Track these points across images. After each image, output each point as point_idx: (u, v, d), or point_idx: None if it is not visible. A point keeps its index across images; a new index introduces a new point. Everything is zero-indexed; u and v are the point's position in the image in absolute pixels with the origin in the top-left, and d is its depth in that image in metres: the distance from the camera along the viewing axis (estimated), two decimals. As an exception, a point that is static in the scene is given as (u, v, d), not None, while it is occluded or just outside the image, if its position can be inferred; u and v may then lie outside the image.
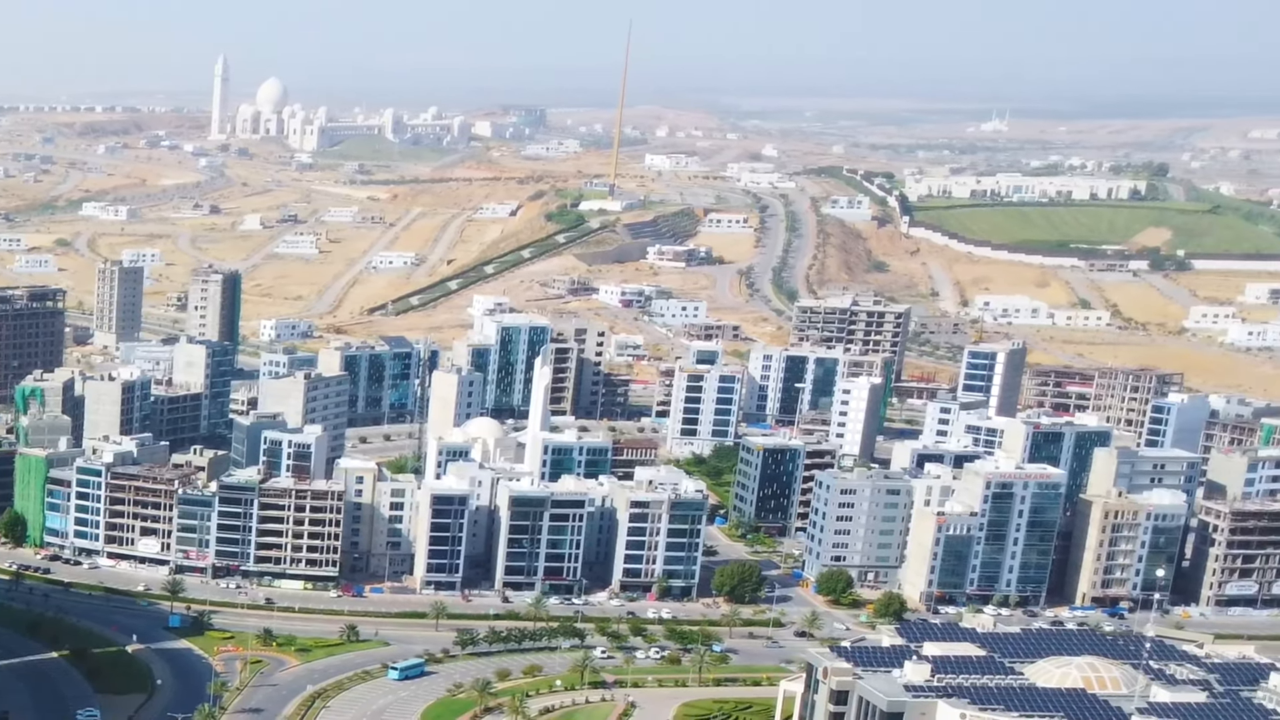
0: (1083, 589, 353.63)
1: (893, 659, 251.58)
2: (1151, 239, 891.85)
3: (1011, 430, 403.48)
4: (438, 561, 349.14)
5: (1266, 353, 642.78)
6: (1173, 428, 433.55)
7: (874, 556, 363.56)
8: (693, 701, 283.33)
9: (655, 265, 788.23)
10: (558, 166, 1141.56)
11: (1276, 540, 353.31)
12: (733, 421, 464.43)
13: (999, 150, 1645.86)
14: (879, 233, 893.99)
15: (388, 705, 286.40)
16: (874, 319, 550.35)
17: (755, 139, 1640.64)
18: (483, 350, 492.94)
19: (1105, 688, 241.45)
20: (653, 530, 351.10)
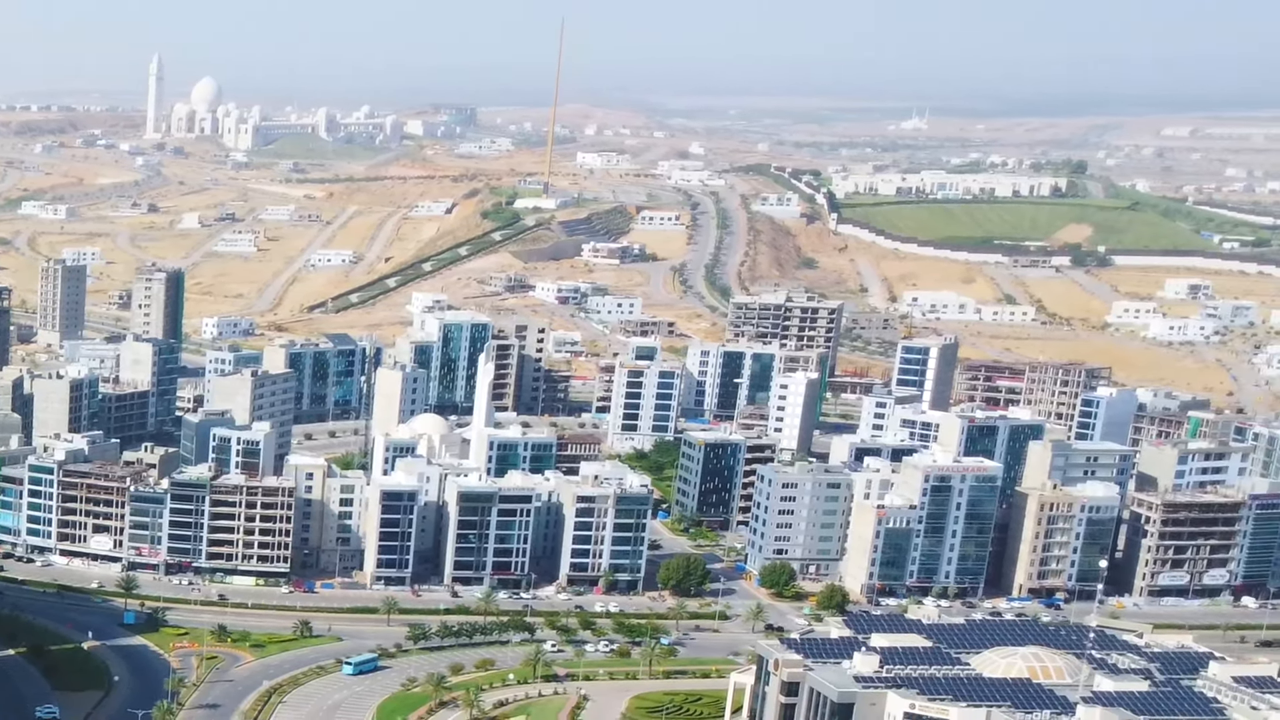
0: (1019, 580, 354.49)
1: (841, 650, 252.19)
2: (1073, 235, 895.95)
3: (947, 424, 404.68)
4: (388, 557, 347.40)
5: (1188, 347, 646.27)
6: (1102, 421, 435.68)
7: (815, 549, 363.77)
8: (644, 694, 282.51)
9: (590, 262, 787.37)
10: (491, 165, 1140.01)
11: (1207, 531, 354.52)
12: (672, 417, 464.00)
13: (920, 148, 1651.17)
14: (808, 230, 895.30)
15: (343, 700, 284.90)
16: (808, 315, 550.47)
17: (682, 137, 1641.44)
18: (425, 347, 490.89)
19: (1050, 677, 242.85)
20: (599, 525, 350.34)
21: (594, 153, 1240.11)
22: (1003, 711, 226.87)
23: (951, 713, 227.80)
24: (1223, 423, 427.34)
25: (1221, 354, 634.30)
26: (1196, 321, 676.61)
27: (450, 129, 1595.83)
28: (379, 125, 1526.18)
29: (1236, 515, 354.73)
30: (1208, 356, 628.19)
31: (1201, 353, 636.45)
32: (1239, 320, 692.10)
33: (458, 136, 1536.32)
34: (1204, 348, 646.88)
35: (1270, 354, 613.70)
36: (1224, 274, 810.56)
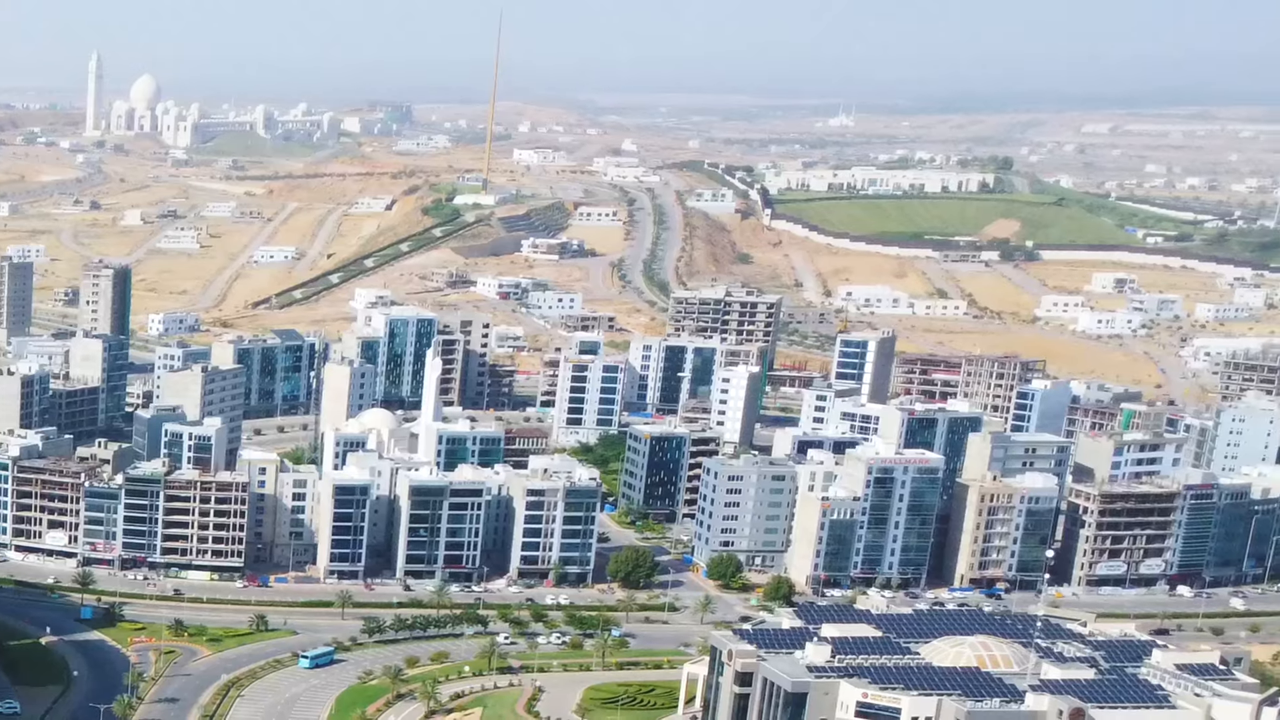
0: (961, 570, 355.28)
1: (793, 641, 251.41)
2: (1001, 230, 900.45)
3: (887, 417, 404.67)
4: (340, 551, 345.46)
5: (1116, 340, 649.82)
6: (1037, 413, 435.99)
7: (761, 541, 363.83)
8: (598, 685, 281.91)
9: (530, 258, 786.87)
10: (429, 161, 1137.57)
11: (1143, 521, 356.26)
12: (616, 410, 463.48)
13: (847, 144, 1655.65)
14: (742, 225, 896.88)
15: (301, 693, 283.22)
16: (747, 309, 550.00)
17: (614, 134, 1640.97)
18: (371, 343, 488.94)
19: (998, 666, 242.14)
20: (549, 518, 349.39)
21: (530, 149, 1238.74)
22: (954, 700, 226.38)
23: (904, 702, 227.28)
24: (1155, 414, 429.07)
25: (1149, 347, 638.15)
26: (1124, 315, 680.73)
27: (387, 126, 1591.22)
28: (316, 122, 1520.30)
29: (1171, 505, 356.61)
30: (1135, 349, 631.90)
31: (1129, 346, 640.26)
32: (1165, 314, 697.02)
33: (394, 134, 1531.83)
34: (1131, 341, 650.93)
35: (1197, 347, 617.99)
36: (1148, 268, 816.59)
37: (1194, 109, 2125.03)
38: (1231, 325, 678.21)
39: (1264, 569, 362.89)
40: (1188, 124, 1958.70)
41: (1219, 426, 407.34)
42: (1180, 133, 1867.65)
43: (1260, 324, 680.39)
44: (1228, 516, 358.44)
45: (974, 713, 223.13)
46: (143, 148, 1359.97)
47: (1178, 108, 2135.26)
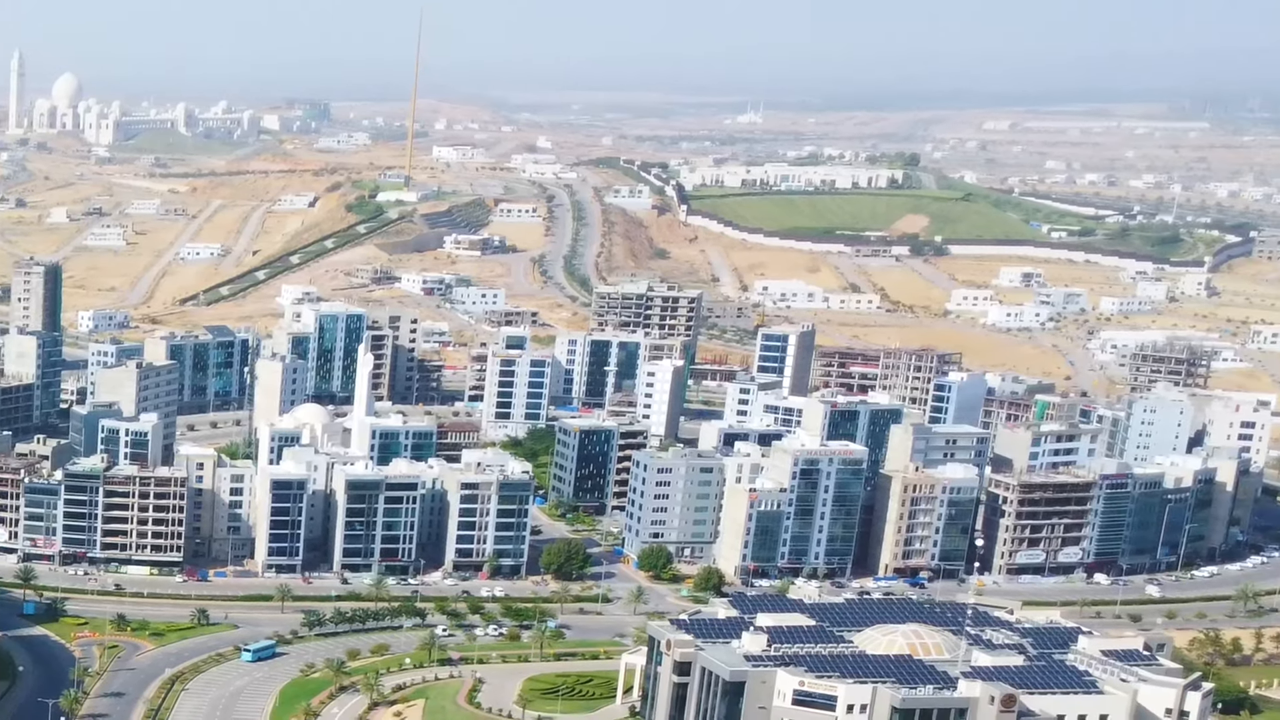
0: (885, 560, 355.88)
1: (729, 630, 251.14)
2: (911, 225, 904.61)
3: (810, 409, 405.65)
4: (278, 545, 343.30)
5: (1025, 333, 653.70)
6: (954, 405, 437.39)
7: (690, 533, 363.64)
8: (537, 676, 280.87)
9: (453, 254, 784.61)
10: (350, 159, 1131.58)
11: (1061, 511, 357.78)
12: (544, 404, 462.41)
13: (756, 141, 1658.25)
14: (659, 221, 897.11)
15: (244, 686, 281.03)
16: (669, 304, 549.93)
17: (529, 131, 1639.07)
18: (302, 339, 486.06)
19: (930, 653, 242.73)
20: (483, 511, 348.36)
21: (449, 147, 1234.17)
22: (888, 687, 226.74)
23: (840, 689, 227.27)
24: (1068, 405, 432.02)
25: (1057, 339, 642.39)
26: (1031, 308, 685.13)
27: (306, 124, 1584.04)
28: (236, 120, 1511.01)
29: (1088, 495, 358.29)
30: (1044, 342, 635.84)
31: (1038, 338, 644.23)
32: (1071, 307, 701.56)
33: (313, 131, 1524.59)
34: (1040, 334, 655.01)
35: (1103, 339, 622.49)
36: (1053, 262, 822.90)
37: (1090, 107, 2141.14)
38: (1135, 318, 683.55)
39: (1177, 557, 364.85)
40: (1084, 121, 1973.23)
41: (1131, 417, 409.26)
42: (1078, 130, 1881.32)
43: (1163, 317, 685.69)
44: (1142, 505, 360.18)
45: (909, 699, 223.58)
46: (66, 145, 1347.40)
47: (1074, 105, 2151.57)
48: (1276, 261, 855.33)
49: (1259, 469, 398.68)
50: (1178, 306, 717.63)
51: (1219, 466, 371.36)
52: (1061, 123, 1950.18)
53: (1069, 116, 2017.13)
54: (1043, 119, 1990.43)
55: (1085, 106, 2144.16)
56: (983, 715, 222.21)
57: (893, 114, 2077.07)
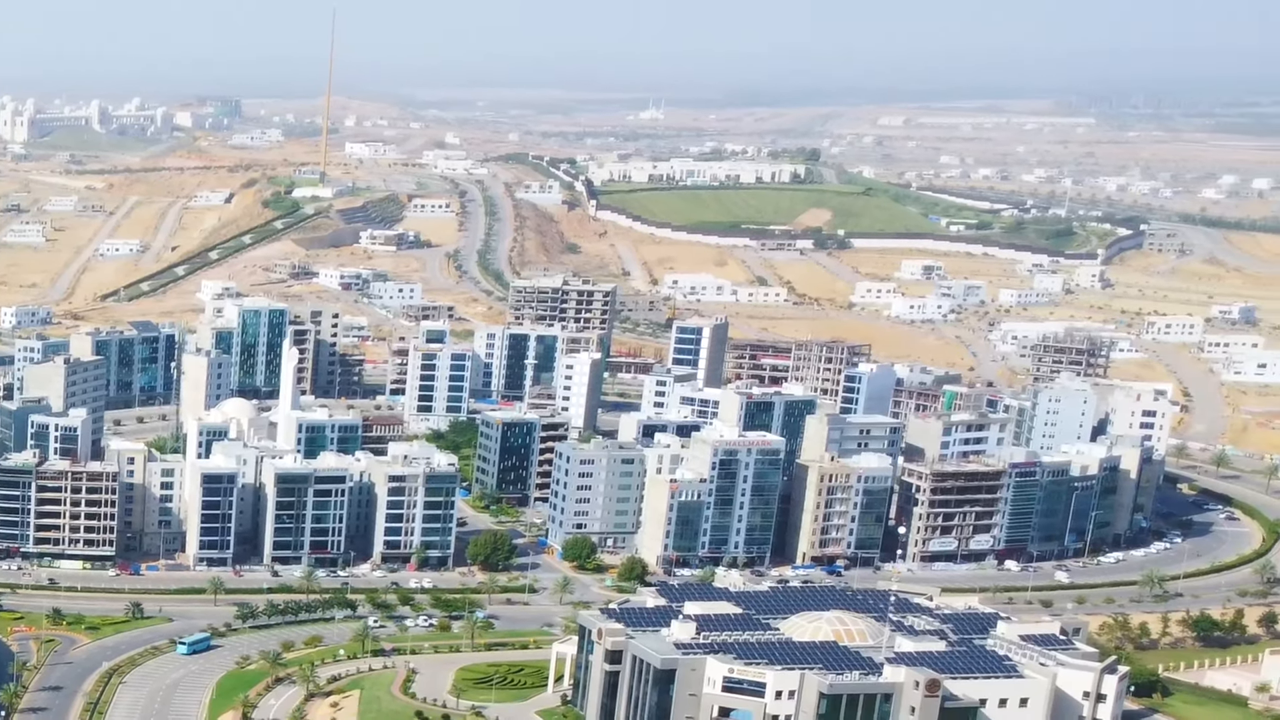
0: (803, 548, 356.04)
1: (658, 619, 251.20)
2: (814, 220, 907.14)
3: (726, 401, 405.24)
4: (209, 539, 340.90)
5: (928, 325, 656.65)
6: (864, 395, 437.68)
7: (613, 523, 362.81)
8: (469, 666, 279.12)
9: (369, 249, 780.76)
10: (264, 155, 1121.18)
11: (972, 499, 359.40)
12: (465, 397, 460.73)
13: (659, 137, 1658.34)
14: (569, 216, 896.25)
15: (181, 679, 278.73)
16: (584, 298, 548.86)
17: (437, 128, 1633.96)
18: (225, 334, 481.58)
19: (854, 640, 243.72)
20: (410, 503, 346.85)
21: (360, 143, 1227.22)
22: (815, 673, 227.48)
23: (768, 676, 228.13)
24: (975, 396, 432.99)
25: (959, 331, 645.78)
26: (933, 300, 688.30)
27: (218, 120, 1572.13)
28: (150, 117, 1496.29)
29: (998, 483, 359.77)
30: (947, 334, 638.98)
31: (941, 330, 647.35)
32: (971, 299, 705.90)
33: (226, 128, 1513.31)
34: (943, 325, 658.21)
35: (1004, 330, 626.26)
36: (953, 255, 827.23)
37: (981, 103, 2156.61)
38: (1034, 310, 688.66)
39: (1084, 543, 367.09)
40: (976, 117, 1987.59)
41: (1036, 407, 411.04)
42: (969, 125, 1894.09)
43: (1060, 308, 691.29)
44: (1050, 493, 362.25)
45: (836, 685, 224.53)
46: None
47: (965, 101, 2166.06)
48: (1167, 254, 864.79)
49: (1160, 457, 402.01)
50: (1074, 298, 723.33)
51: (1123, 454, 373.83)
52: (954, 119, 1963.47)
53: (961, 113, 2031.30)
54: (935, 115, 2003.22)
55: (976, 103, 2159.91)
56: (907, 700, 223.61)
57: (790, 110, 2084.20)
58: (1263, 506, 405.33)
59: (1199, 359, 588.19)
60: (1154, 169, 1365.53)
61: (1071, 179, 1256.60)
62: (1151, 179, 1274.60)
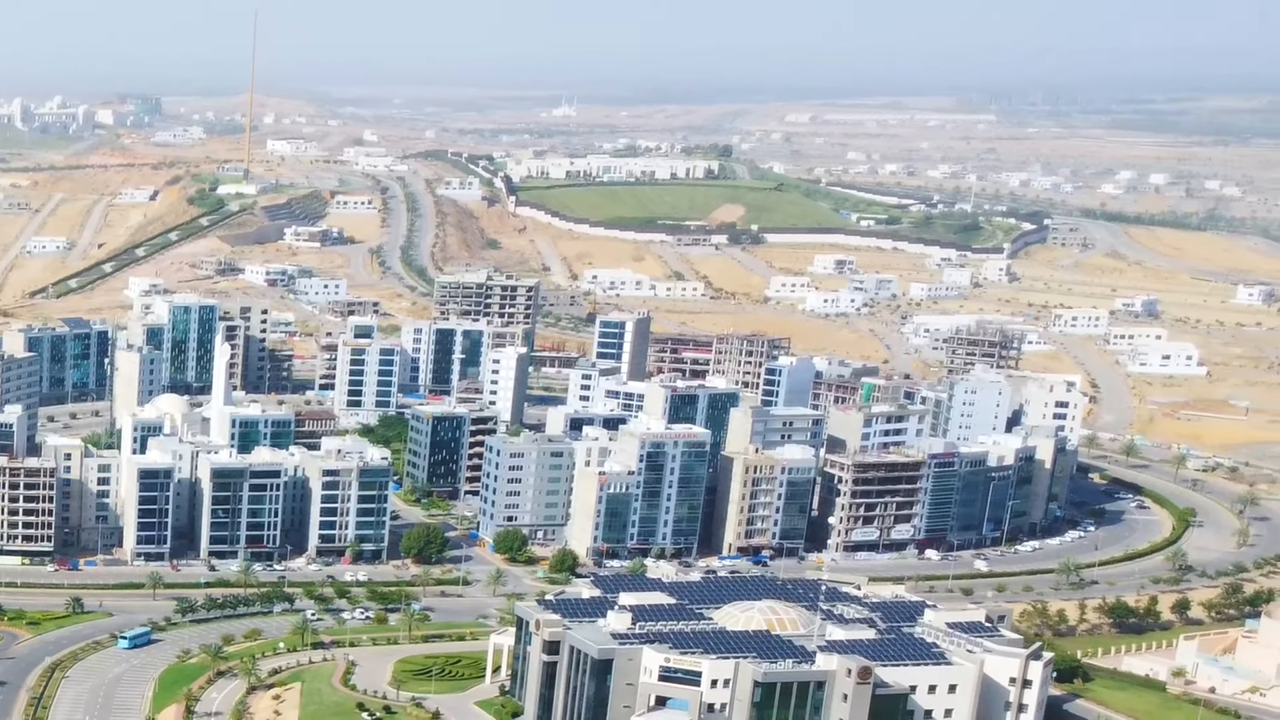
0: (729, 539, 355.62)
1: (594, 610, 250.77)
2: (728, 215, 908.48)
3: (651, 394, 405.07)
4: (146, 533, 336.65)
5: (842, 318, 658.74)
6: (784, 388, 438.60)
7: (543, 515, 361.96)
8: (407, 658, 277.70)
9: (293, 246, 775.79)
10: (188, 153, 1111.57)
11: (893, 489, 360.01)
12: (393, 392, 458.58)
13: (572, 134, 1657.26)
14: (489, 212, 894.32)
15: (123, 673, 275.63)
16: (508, 293, 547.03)
17: (355, 125, 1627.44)
18: (156, 330, 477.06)
19: (786, 629, 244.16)
20: (344, 497, 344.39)
21: (281, 140, 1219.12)
22: (750, 662, 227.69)
23: (704, 665, 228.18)
24: (892, 388, 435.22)
25: (873, 324, 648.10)
26: (846, 294, 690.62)
27: (139, 118, 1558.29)
28: (72, 115, 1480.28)
29: (918, 474, 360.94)
30: (861, 327, 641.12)
31: (855, 323, 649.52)
32: (883, 293, 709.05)
33: (147, 126, 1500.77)
34: (856, 319, 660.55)
35: (916, 324, 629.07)
36: (864, 250, 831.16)
37: (884, 100, 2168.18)
38: (944, 303, 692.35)
39: (1001, 532, 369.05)
40: (880, 114, 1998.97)
41: (953, 398, 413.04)
42: (874, 122, 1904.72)
43: (969, 302, 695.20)
44: (968, 483, 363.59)
45: (770, 673, 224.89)
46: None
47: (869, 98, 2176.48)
48: (1070, 248, 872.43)
49: (1073, 447, 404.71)
50: (982, 292, 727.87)
51: (1038, 445, 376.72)
52: (859, 115, 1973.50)
53: (865, 109, 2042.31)
54: (841, 112, 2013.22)
55: (880, 100, 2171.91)
56: (840, 687, 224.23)
57: (700, 107, 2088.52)
58: (1171, 495, 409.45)
59: (1105, 351, 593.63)
60: (1054, 165, 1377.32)
61: (975, 175, 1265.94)
62: (1052, 174, 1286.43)
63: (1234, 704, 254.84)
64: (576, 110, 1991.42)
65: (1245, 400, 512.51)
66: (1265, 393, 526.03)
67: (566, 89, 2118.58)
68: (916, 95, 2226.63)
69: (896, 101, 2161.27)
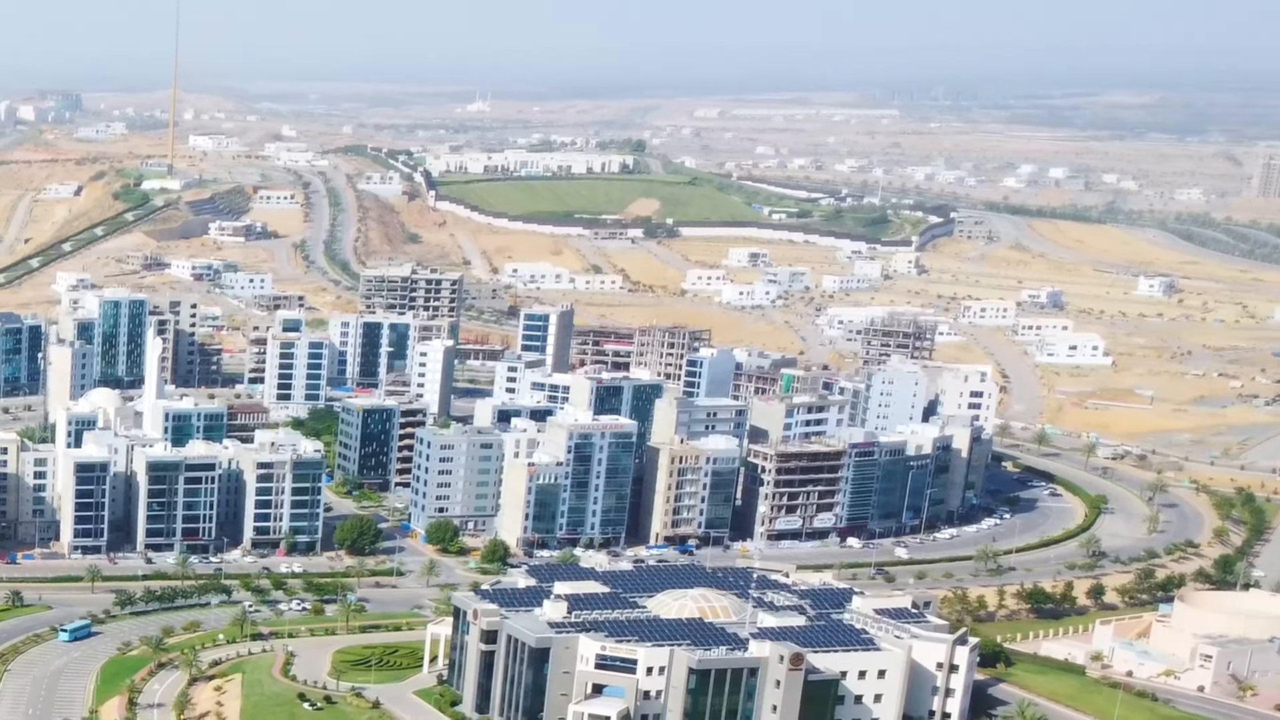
0: (656, 529, 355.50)
1: (530, 599, 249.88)
2: (643, 209, 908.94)
3: (576, 386, 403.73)
4: (84, 527, 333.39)
5: (758, 310, 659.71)
6: (706, 379, 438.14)
7: (473, 507, 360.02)
8: (345, 648, 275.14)
9: (218, 240, 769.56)
10: (111, 148, 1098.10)
11: (815, 478, 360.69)
12: (323, 385, 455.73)
13: (487, 129, 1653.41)
14: (410, 206, 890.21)
15: (64, 666, 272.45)
16: (432, 286, 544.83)
17: (273, 121, 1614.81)
18: (87, 324, 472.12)
19: (718, 616, 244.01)
20: (278, 489, 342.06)
21: (203, 136, 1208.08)
22: (684, 649, 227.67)
23: (639, 653, 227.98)
24: (811, 378, 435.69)
25: (788, 316, 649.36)
26: (761, 287, 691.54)
27: (60, 114, 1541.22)
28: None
29: (839, 463, 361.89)
30: (776, 319, 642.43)
31: (770, 315, 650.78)
32: (796, 285, 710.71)
33: (68, 121, 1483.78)
34: (772, 310, 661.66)
35: (830, 315, 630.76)
36: (776, 243, 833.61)
37: (790, 95, 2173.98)
38: (856, 295, 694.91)
39: (920, 520, 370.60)
40: (787, 109, 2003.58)
41: (871, 389, 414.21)
42: (781, 117, 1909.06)
43: (880, 294, 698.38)
44: (888, 472, 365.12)
45: (704, 661, 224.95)
46: None
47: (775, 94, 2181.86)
48: (976, 241, 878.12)
49: (989, 436, 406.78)
50: (892, 284, 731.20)
51: (955, 434, 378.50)
52: (766, 110, 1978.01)
53: (772, 105, 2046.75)
54: (749, 107, 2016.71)
55: (786, 95, 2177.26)
56: (773, 674, 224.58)
57: (611, 103, 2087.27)
58: (1083, 483, 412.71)
59: (1013, 342, 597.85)
60: (957, 159, 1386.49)
61: (881, 169, 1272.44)
62: (956, 168, 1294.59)
63: (1151, 687, 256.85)
64: (490, 105, 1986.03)
65: (1150, 390, 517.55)
66: (1168, 382, 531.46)
67: (480, 84, 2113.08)
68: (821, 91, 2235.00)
69: (802, 97, 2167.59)
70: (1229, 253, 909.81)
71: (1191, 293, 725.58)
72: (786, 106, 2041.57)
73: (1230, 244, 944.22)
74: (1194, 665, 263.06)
